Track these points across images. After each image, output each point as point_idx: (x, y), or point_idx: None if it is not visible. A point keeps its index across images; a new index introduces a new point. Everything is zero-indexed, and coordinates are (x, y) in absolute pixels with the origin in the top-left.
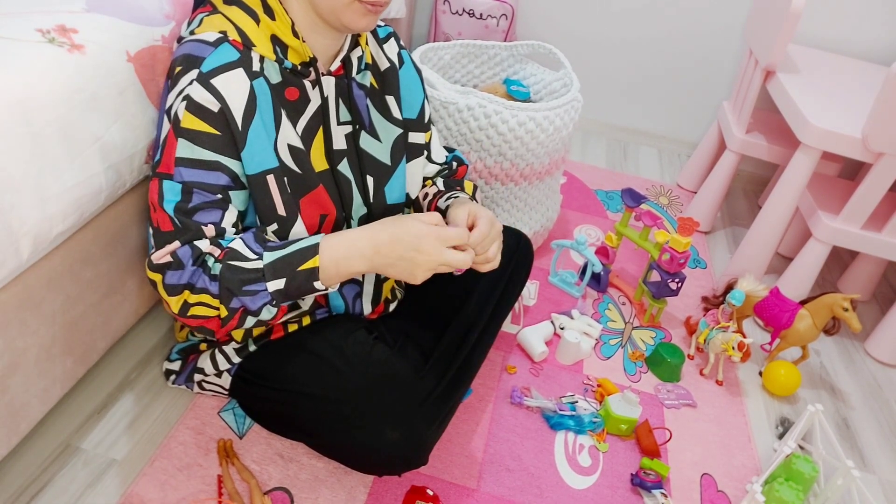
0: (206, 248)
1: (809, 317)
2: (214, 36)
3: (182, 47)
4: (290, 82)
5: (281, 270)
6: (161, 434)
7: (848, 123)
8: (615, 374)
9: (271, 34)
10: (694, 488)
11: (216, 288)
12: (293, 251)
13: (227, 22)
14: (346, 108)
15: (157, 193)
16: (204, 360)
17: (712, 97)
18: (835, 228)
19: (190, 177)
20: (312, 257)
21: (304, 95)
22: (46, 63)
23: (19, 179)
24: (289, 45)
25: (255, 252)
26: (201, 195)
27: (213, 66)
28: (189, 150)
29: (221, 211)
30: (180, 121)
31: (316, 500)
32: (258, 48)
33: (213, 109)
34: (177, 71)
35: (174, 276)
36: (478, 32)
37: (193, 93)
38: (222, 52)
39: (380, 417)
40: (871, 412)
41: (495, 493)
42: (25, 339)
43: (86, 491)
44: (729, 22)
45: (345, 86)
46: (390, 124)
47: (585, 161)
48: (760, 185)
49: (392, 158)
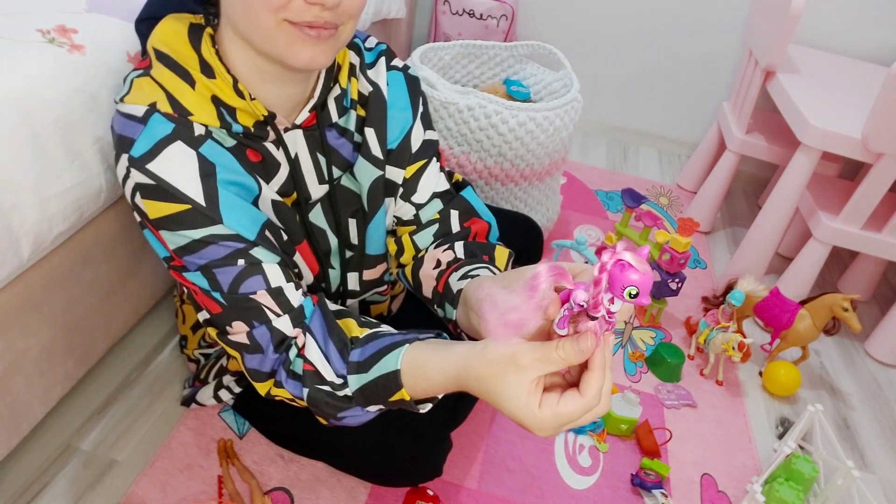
0: (283, 328)
1: (809, 317)
2: (142, 109)
3: (114, 119)
4: (246, 144)
5: (372, 399)
6: (161, 434)
7: (848, 123)
8: (615, 374)
9: (211, 95)
10: (694, 488)
11: (298, 391)
12: (377, 378)
13: (157, 88)
14: (325, 161)
15: (189, 284)
16: (206, 397)
17: (712, 97)
18: (835, 228)
19: (199, 258)
20: (398, 391)
21: (270, 158)
22: (46, 63)
23: (19, 179)
24: (234, 106)
25: (338, 374)
26: (225, 271)
27: (145, 150)
28: (177, 238)
29: (259, 276)
30: (147, 214)
31: (316, 500)
32: (196, 117)
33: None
34: (114, 153)
35: (254, 360)
36: (478, 33)
37: (137, 180)
38: (152, 127)
39: (393, 432)
40: (871, 412)
41: (495, 493)
42: (26, 340)
43: (86, 491)
44: (729, 22)
45: (317, 137)
46: (369, 164)
47: (585, 161)
48: (760, 185)
49: (369, 203)
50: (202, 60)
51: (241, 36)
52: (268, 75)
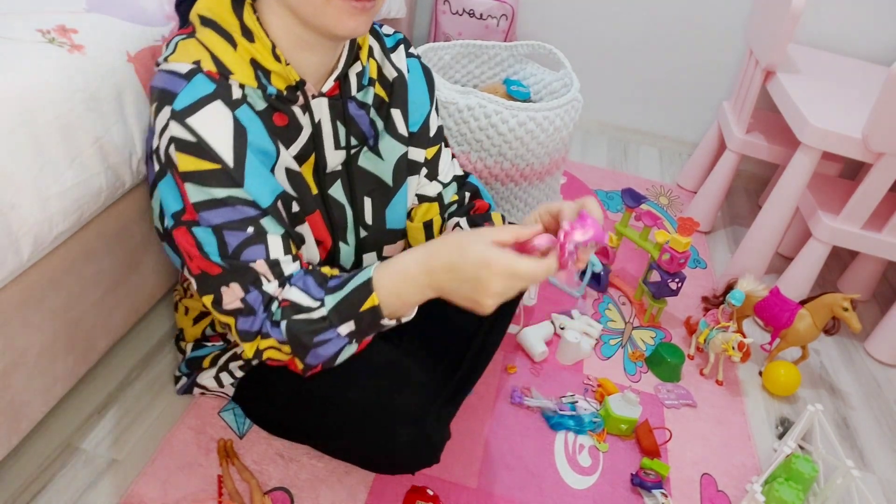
0: (272, 291)
1: (809, 317)
2: (186, 67)
3: (156, 77)
4: (276, 108)
5: (346, 313)
6: (161, 434)
7: (848, 123)
8: (615, 374)
9: (251, 58)
10: (694, 488)
11: (279, 335)
12: (351, 290)
13: (201, 48)
14: (344, 130)
15: (192, 243)
16: (207, 379)
17: (712, 97)
18: (835, 228)
19: (213, 218)
20: (369, 296)
21: (295, 122)
22: (46, 63)
23: (19, 179)
24: (270, 69)
25: (315, 298)
26: (234, 234)
27: (187, 104)
28: (200, 193)
29: (262, 245)
30: (177, 165)
31: (316, 499)
32: (236, 76)
33: (195, 141)
34: (154, 106)
35: (246, 322)
36: (478, 32)
37: (175, 133)
38: (196, 85)
39: (392, 416)
40: (871, 412)
41: (495, 493)
42: (26, 339)
43: (86, 490)
44: (729, 22)
45: (340, 105)
46: (395, 141)
47: (585, 161)
48: (760, 185)
49: (394, 179)
50: (243, 26)
51: (287, 7)
52: (304, 43)
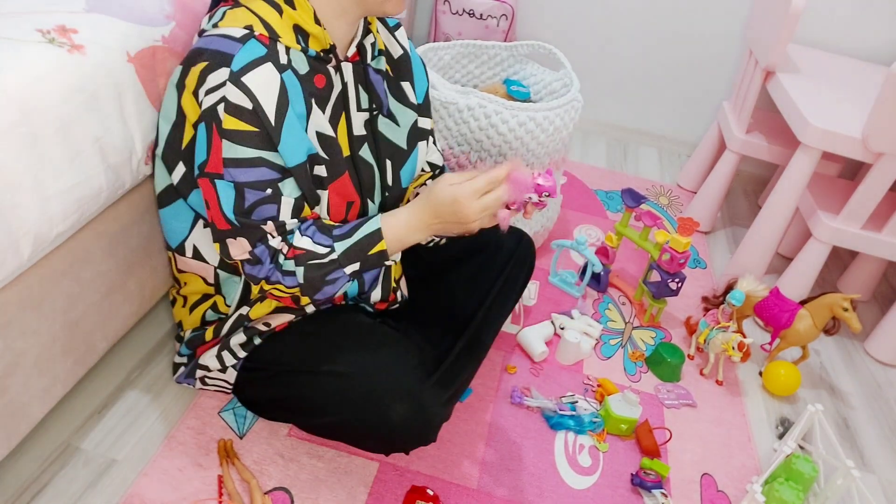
0: (277, 245)
1: (809, 317)
2: (240, 31)
3: (206, 41)
4: (316, 70)
5: (354, 256)
6: (161, 434)
7: (848, 123)
8: (615, 374)
9: (293, 24)
10: (694, 488)
11: (292, 282)
12: (361, 238)
13: (251, 15)
14: (365, 93)
15: (212, 194)
16: (209, 358)
17: (712, 97)
18: (835, 228)
19: (239, 176)
20: (379, 241)
21: (329, 82)
22: (46, 63)
23: (19, 179)
24: (310, 33)
25: (325, 245)
26: (253, 193)
27: (243, 64)
28: (233, 151)
29: (276, 205)
30: (221, 122)
31: (316, 500)
32: (283, 39)
33: (248, 107)
34: (202, 66)
35: (253, 269)
36: (478, 32)
37: (229, 93)
38: (250, 48)
39: (387, 392)
40: (871, 412)
41: (495, 493)
42: (26, 339)
43: (86, 491)
44: (729, 22)
45: (362, 71)
46: (407, 108)
47: (585, 161)
48: (760, 185)
49: (408, 142)
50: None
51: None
52: (341, 12)
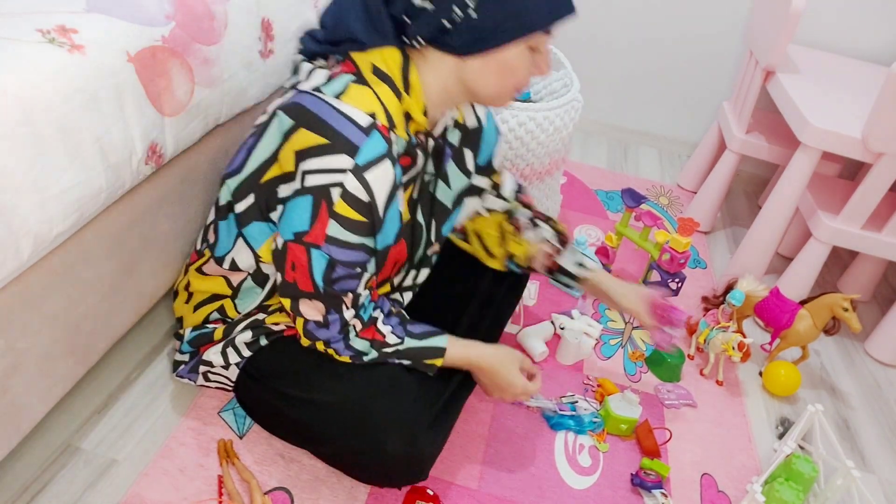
0: (349, 319)
1: (809, 317)
2: (365, 119)
3: (327, 112)
4: (407, 153)
5: (412, 356)
6: (162, 434)
7: (848, 123)
8: (615, 374)
9: (405, 111)
10: (694, 488)
11: (355, 355)
12: (426, 346)
13: (375, 99)
14: (433, 163)
15: (304, 261)
16: (213, 354)
17: (712, 97)
18: (835, 228)
19: (336, 254)
20: (437, 357)
21: (414, 162)
22: (46, 63)
23: (19, 179)
24: (416, 120)
25: (398, 337)
26: (344, 269)
27: (368, 160)
28: (339, 232)
29: (358, 281)
30: (334, 204)
31: (316, 500)
32: (398, 129)
33: (364, 200)
34: (322, 141)
35: (316, 329)
36: None
37: (348, 183)
38: (374, 142)
39: (384, 429)
40: (871, 412)
41: (495, 493)
42: (26, 340)
43: (86, 491)
44: (729, 22)
45: (441, 146)
46: (462, 175)
47: (585, 161)
48: (760, 185)
49: (454, 203)
50: (406, 82)
51: (461, 81)
52: (449, 100)
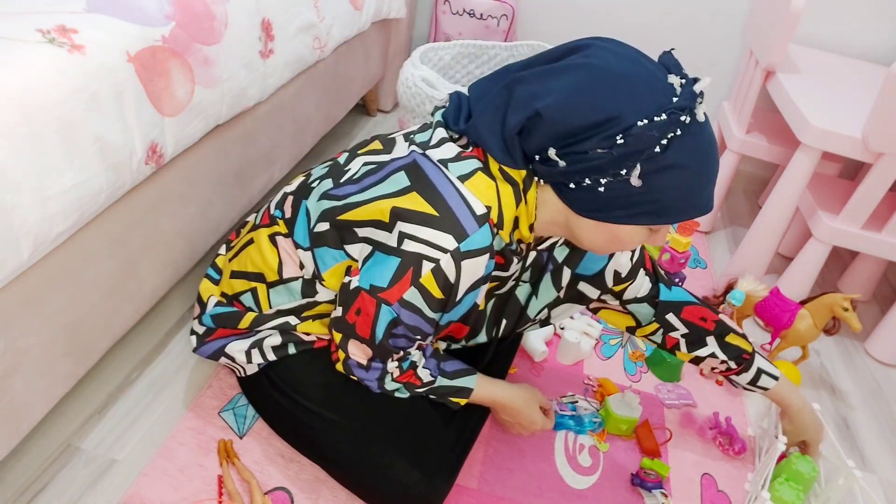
0: (391, 369)
1: (809, 317)
2: (482, 210)
3: (446, 188)
4: (503, 254)
5: (439, 393)
6: (162, 434)
7: (848, 123)
8: (615, 374)
9: (515, 217)
10: (694, 488)
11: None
12: (455, 386)
13: (495, 195)
14: (530, 273)
15: (372, 312)
16: (237, 352)
17: (712, 97)
18: (835, 228)
19: (406, 319)
20: (461, 395)
21: (509, 266)
22: (46, 63)
23: (20, 179)
24: (521, 230)
25: (433, 375)
26: (405, 331)
27: (471, 249)
28: (416, 301)
29: (414, 344)
30: (421, 275)
31: (316, 500)
32: (504, 231)
33: (451, 282)
34: (431, 213)
35: (356, 369)
36: (478, 32)
37: (444, 264)
38: (483, 235)
39: (403, 463)
40: (871, 412)
41: (495, 493)
42: (26, 340)
43: (86, 491)
44: (729, 22)
45: (543, 260)
46: (554, 289)
47: None
48: (760, 185)
49: (537, 314)
50: (525, 195)
51: (574, 233)
52: (555, 231)
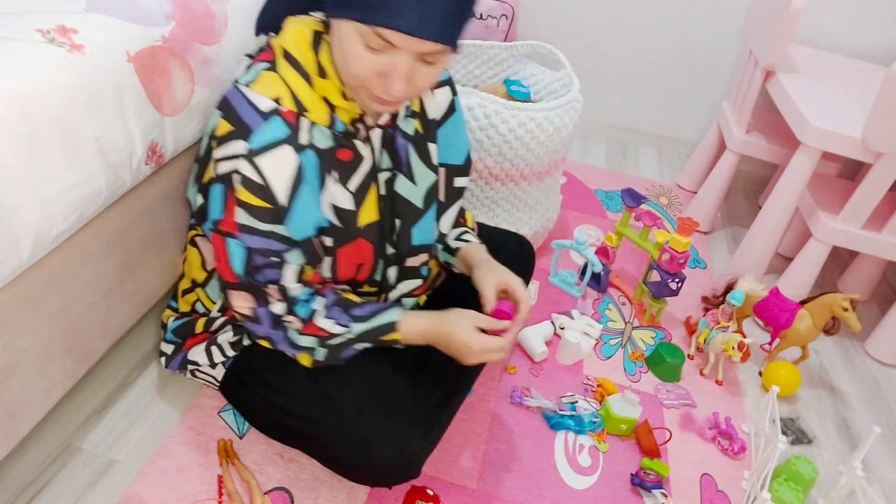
0: (280, 313)
1: (809, 317)
2: (267, 104)
3: (234, 97)
4: (342, 144)
5: (367, 338)
6: (161, 434)
7: (848, 123)
8: (615, 374)
9: (323, 95)
10: (694, 488)
11: (302, 353)
12: (377, 326)
13: (283, 85)
14: (388, 155)
15: (223, 249)
16: (198, 354)
17: (712, 97)
18: (835, 228)
19: (250, 241)
20: (392, 333)
21: (357, 154)
22: (46, 63)
23: (19, 179)
24: (337, 105)
25: (342, 325)
26: (261, 257)
27: (261, 144)
28: (247, 219)
29: (279, 271)
30: (236, 191)
31: (316, 500)
32: (311, 113)
33: (260, 185)
34: (228, 128)
35: (253, 326)
36: (478, 32)
37: (242, 168)
38: (272, 127)
39: (372, 435)
40: (871, 412)
41: (495, 493)
42: (25, 340)
43: (86, 491)
44: (729, 22)
45: (390, 136)
46: (428, 170)
47: (585, 161)
48: (760, 185)
49: (424, 202)
50: (319, 64)
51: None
52: None
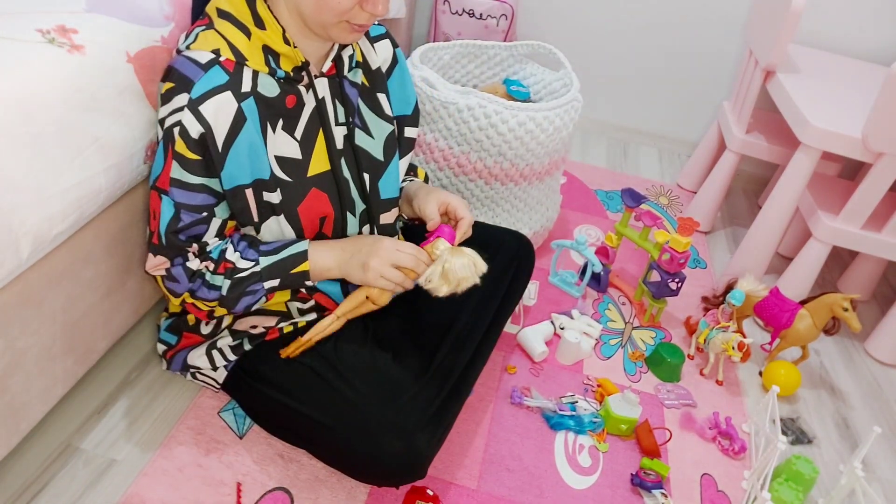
0: (197, 267)
1: (809, 317)
2: (206, 56)
3: (176, 61)
4: (286, 91)
5: (275, 272)
6: (161, 434)
7: (848, 123)
8: (615, 374)
9: (263, 45)
10: (694, 488)
11: (215, 295)
12: (286, 257)
13: (220, 39)
14: (341, 106)
15: (157, 208)
16: (199, 358)
17: (712, 97)
18: (835, 228)
19: (180, 197)
20: (302, 262)
21: (300, 101)
22: (46, 63)
23: (19, 179)
24: (280, 52)
25: (251, 259)
26: (189, 215)
27: (202, 92)
28: (180, 173)
29: (206, 226)
30: (175, 143)
31: (316, 500)
32: (251, 62)
33: (198, 135)
34: (168, 87)
35: (171, 285)
36: (478, 32)
37: (185, 119)
38: (212, 75)
39: (380, 432)
40: (871, 412)
41: (495, 493)
42: (26, 339)
43: (86, 491)
44: (729, 22)
45: (337, 84)
46: (382, 121)
47: (585, 161)
48: (760, 185)
49: (385, 154)
50: (255, 15)
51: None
52: (308, 34)
